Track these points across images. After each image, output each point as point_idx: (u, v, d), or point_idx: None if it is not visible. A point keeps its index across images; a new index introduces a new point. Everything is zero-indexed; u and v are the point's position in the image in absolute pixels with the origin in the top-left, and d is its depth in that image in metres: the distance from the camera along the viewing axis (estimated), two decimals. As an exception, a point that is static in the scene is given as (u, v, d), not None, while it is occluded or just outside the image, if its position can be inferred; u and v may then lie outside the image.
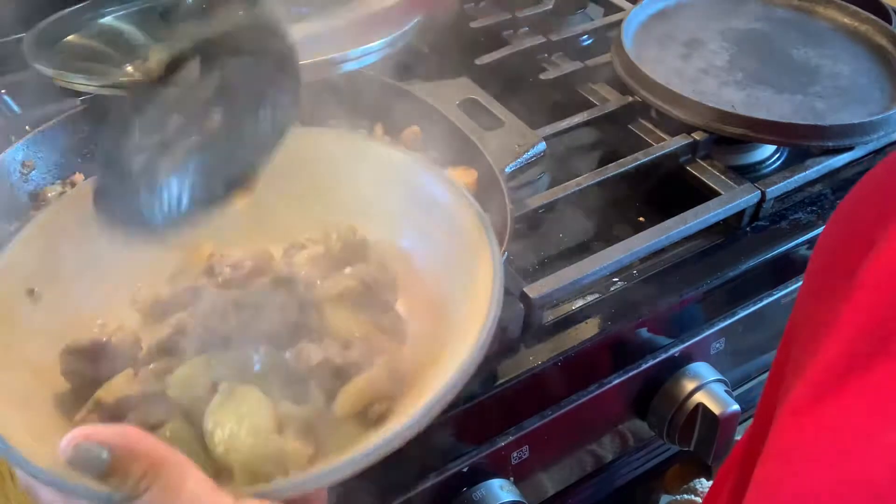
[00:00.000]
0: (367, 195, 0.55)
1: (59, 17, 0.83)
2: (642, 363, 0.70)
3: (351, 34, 0.79)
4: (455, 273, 0.50)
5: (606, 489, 0.81)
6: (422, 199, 0.53)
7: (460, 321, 0.46)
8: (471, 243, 0.49)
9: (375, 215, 0.54)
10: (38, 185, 0.72)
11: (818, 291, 0.45)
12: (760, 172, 0.82)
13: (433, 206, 0.52)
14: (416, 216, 0.53)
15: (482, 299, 0.45)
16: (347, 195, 0.55)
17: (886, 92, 0.83)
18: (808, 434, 0.37)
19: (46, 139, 0.73)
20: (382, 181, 0.55)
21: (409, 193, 0.54)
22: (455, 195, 0.52)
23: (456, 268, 0.50)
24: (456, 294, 0.49)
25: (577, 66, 0.91)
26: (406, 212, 0.54)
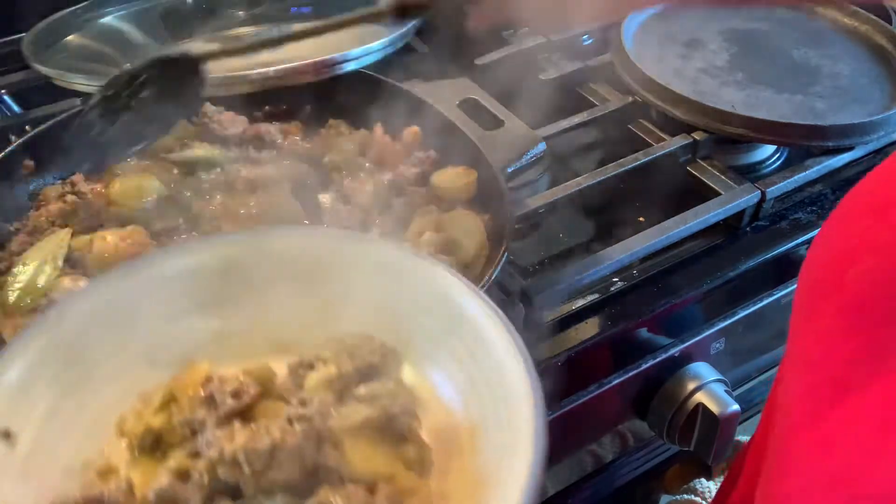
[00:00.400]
0: (380, 304, 0.49)
1: (59, 17, 0.83)
2: (642, 363, 0.70)
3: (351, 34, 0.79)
4: (484, 398, 0.44)
5: (606, 489, 0.81)
6: (446, 314, 0.47)
7: (496, 455, 0.42)
8: (503, 367, 0.44)
9: (389, 327, 0.48)
10: (38, 185, 0.72)
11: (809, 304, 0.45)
12: (760, 172, 0.82)
13: (459, 323, 0.47)
14: (436, 330, 0.48)
15: (522, 434, 0.40)
16: (358, 303, 0.49)
17: (886, 92, 0.83)
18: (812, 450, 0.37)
19: (46, 139, 0.73)
20: (399, 289, 0.49)
21: (431, 305, 0.48)
22: (488, 314, 0.45)
23: (485, 393, 0.44)
24: (487, 422, 0.44)
25: (577, 66, 0.91)
26: (425, 325, 0.48)
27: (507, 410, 0.42)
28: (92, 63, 0.80)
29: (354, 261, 0.49)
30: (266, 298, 0.49)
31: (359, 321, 0.48)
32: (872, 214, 0.41)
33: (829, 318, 0.40)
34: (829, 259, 0.43)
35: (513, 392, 0.42)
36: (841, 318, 0.39)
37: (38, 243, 0.66)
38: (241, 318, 0.49)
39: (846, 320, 0.38)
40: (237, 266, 0.49)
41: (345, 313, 0.49)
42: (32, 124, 0.76)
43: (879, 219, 0.40)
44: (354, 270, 0.49)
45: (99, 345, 0.46)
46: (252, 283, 0.49)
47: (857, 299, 0.38)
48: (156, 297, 0.48)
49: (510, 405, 0.42)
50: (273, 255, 0.49)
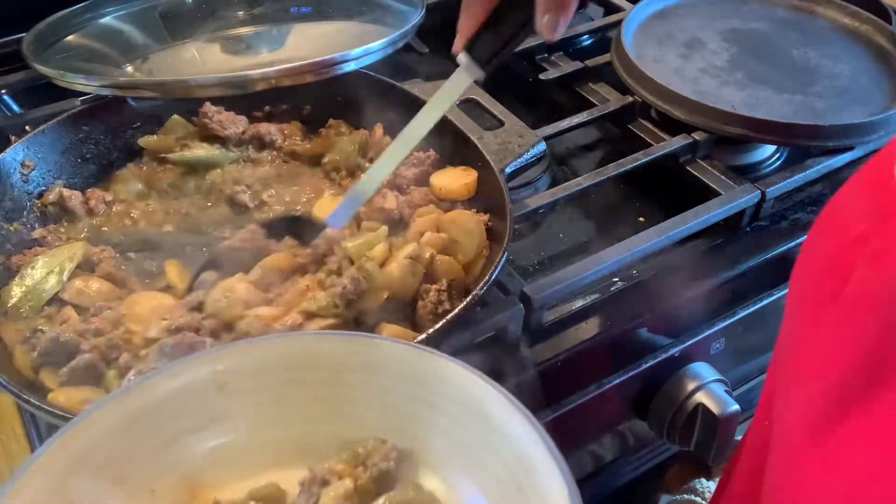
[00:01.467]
0: (390, 405, 0.46)
1: (59, 17, 0.83)
2: (642, 363, 0.70)
3: (351, 34, 0.79)
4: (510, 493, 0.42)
5: (606, 489, 0.81)
6: (465, 412, 0.44)
7: None
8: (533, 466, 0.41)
9: (401, 429, 0.46)
10: (38, 185, 0.72)
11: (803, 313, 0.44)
12: (760, 172, 0.82)
13: (476, 420, 0.44)
14: (456, 431, 0.45)
15: None
16: (367, 405, 0.47)
17: (886, 92, 0.83)
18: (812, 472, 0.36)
19: (46, 139, 0.73)
20: (411, 389, 0.46)
21: (448, 404, 0.45)
22: (512, 411, 0.42)
23: (515, 497, 0.42)
24: None
25: (577, 66, 0.91)
26: (441, 425, 0.45)
27: (537, 497, 0.40)
28: (92, 63, 0.80)
29: (361, 361, 0.47)
30: (265, 408, 0.47)
31: (369, 425, 0.46)
32: (867, 220, 0.40)
33: (826, 328, 0.39)
34: (825, 267, 0.42)
35: (546, 494, 0.40)
36: (840, 329, 0.38)
37: (52, 251, 0.66)
38: (241, 433, 0.47)
39: (845, 331, 0.38)
40: (229, 378, 0.46)
41: (353, 416, 0.47)
42: (32, 124, 0.76)
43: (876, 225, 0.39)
44: (361, 372, 0.47)
45: (95, 484, 0.43)
46: (248, 393, 0.46)
47: (856, 309, 0.38)
48: (147, 425, 0.45)
49: (539, 491, 0.40)
50: (266, 361, 0.47)
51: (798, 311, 0.46)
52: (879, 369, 0.35)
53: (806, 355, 0.41)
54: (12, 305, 0.62)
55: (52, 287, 0.63)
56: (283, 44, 0.85)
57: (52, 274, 0.64)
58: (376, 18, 0.84)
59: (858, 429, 0.35)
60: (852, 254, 0.39)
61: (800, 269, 0.47)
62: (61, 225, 0.70)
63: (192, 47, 0.83)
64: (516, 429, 0.42)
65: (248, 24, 0.86)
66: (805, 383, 0.40)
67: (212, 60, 0.82)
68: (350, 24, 0.86)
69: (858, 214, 0.42)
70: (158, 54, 0.82)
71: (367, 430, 0.46)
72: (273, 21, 0.87)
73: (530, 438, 0.41)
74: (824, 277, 0.42)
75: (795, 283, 0.47)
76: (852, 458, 0.35)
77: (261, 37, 0.85)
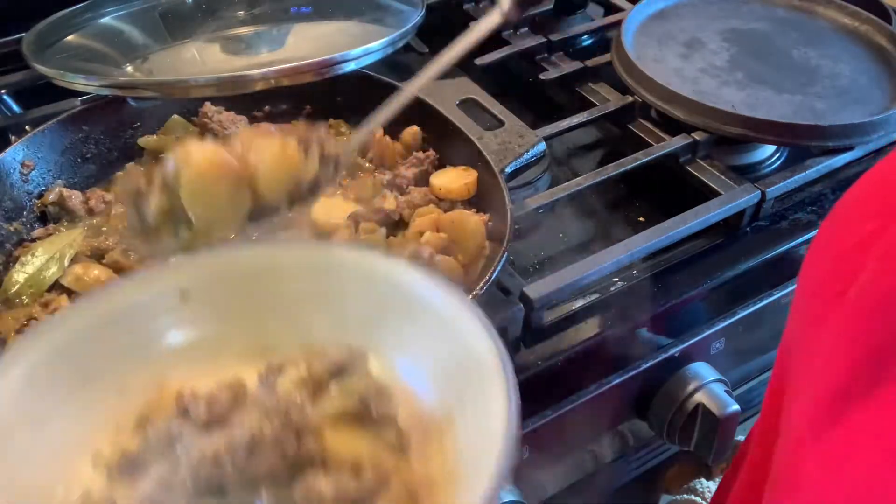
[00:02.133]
0: (342, 307, 0.49)
1: (59, 17, 0.83)
2: (642, 363, 0.70)
3: (351, 34, 0.79)
4: (456, 381, 0.45)
5: (606, 489, 0.81)
6: (410, 309, 0.47)
7: (472, 436, 0.42)
8: (471, 347, 0.44)
9: (353, 327, 0.49)
10: (38, 185, 0.72)
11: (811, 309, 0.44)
12: (760, 172, 0.82)
13: (426, 317, 0.47)
14: (400, 323, 0.48)
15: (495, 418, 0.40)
16: (320, 308, 0.50)
17: (886, 92, 0.83)
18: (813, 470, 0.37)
19: (46, 139, 0.73)
20: (360, 291, 0.49)
21: (391, 300, 0.48)
22: (457, 306, 0.46)
23: (457, 376, 0.45)
24: (463, 404, 0.44)
25: (577, 66, 0.91)
26: (388, 320, 0.48)
27: (480, 390, 0.42)
28: (92, 63, 0.80)
29: (318, 267, 0.50)
30: (228, 315, 0.49)
31: (327, 325, 0.49)
32: (878, 218, 0.40)
33: (833, 326, 0.39)
34: (834, 264, 0.42)
35: (483, 371, 0.43)
36: (846, 327, 0.38)
37: (50, 238, 0.67)
38: (207, 336, 0.49)
39: (851, 329, 0.38)
40: (192, 288, 0.48)
41: (312, 318, 0.49)
42: (32, 124, 0.76)
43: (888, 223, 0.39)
44: (318, 278, 0.49)
45: (67, 380, 0.45)
46: (211, 302, 0.49)
47: (862, 307, 0.38)
48: (116, 328, 0.47)
49: (483, 385, 0.42)
50: (233, 270, 0.49)
51: (805, 308, 0.46)
52: (883, 367, 0.35)
53: (811, 352, 0.41)
54: (14, 293, 0.62)
55: (54, 273, 0.64)
56: (283, 44, 0.85)
57: (53, 260, 0.64)
58: (376, 18, 0.84)
59: (860, 424, 0.35)
60: (860, 253, 0.39)
61: (807, 267, 0.47)
62: (61, 225, 0.70)
63: (192, 47, 0.83)
64: (467, 326, 0.45)
65: (248, 24, 0.86)
66: (810, 379, 0.40)
67: (212, 60, 0.82)
68: (350, 24, 0.86)
69: (867, 213, 0.42)
70: (158, 54, 0.82)
71: (326, 330, 0.49)
72: (273, 21, 0.87)
73: (480, 337, 0.44)
74: (832, 276, 0.42)
75: (803, 281, 0.47)
76: (852, 453, 0.35)
77: (261, 37, 0.85)
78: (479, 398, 0.42)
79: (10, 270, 0.64)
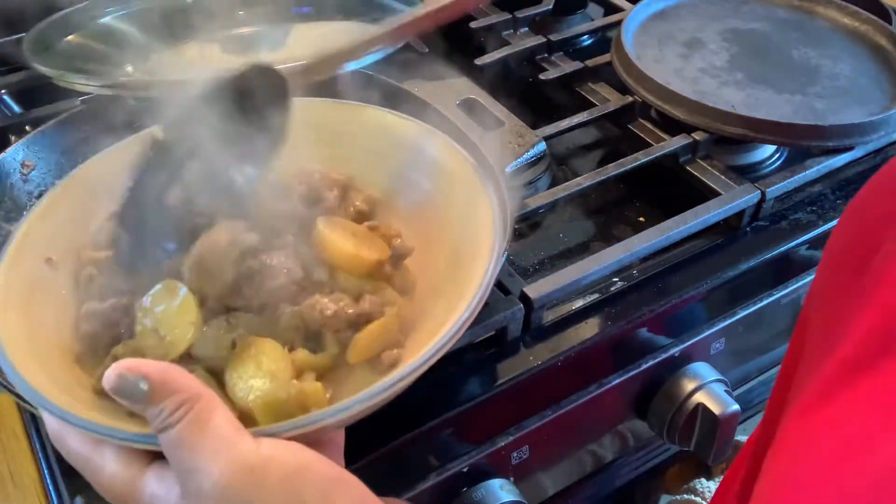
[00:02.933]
0: (358, 157, 0.60)
1: (59, 17, 0.83)
2: (642, 363, 0.70)
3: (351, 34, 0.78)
4: (458, 225, 0.54)
5: (606, 489, 0.81)
6: (416, 158, 0.58)
7: (464, 274, 0.49)
8: (469, 195, 0.53)
9: (371, 176, 0.59)
10: (38, 185, 0.72)
11: (829, 288, 0.45)
12: (760, 172, 0.82)
13: (428, 164, 0.57)
14: (411, 174, 0.58)
15: (483, 249, 0.49)
16: (337, 157, 0.60)
17: (886, 92, 0.83)
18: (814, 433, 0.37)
19: (46, 139, 0.73)
20: (373, 143, 0.60)
21: (403, 153, 0.58)
22: (448, 151, 0.57)
23: (458, 220, 0.54)
24: (462, 247, 0.52)
25: (577, 66, 0.91)
26: (401, 171, 0.58)
27: (476, 235, 0.51)
28: (92, 63, 0.80)
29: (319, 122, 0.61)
30: None
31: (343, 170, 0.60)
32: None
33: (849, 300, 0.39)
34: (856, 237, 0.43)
35: (475, 196, 0.53)
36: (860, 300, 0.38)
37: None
38: None
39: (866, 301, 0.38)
40: None
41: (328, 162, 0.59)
42: (32, 124, 0.76)
43: None
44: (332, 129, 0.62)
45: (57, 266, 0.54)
46: None
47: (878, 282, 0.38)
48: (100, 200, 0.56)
49: (474, 205, 0.52)
50: None
51: (825, 279, 0.46)
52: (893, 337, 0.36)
53: (827, 325, 0.42)
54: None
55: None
56: (283, 44, 0.85)
57: None
58: (376, 18, 0.84)
59: (866, 392, 0.36)
60: (879, 230, 0.40)
61: (832, 241, 0.47)
62: (61, 225, 0.70)
63: (192, 47, 0.83)
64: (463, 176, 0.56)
65: (248, 24, 0.86)
66: (823, 350, 0.40)
67: (212, 60, 0.82)
68: (350, 24, 0.86)
69: (888, 194, 0.42)
70: (158, 54, 0.82)
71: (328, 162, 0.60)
72: (273, 21, 0.86)
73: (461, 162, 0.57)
74: (852, 252, 0.42)
75: (827, 253, 0.47)
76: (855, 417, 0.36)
77: (261, 37, 0.85)
78: (471, 220, 0.52)
79: None
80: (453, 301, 0.47)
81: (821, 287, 0.48)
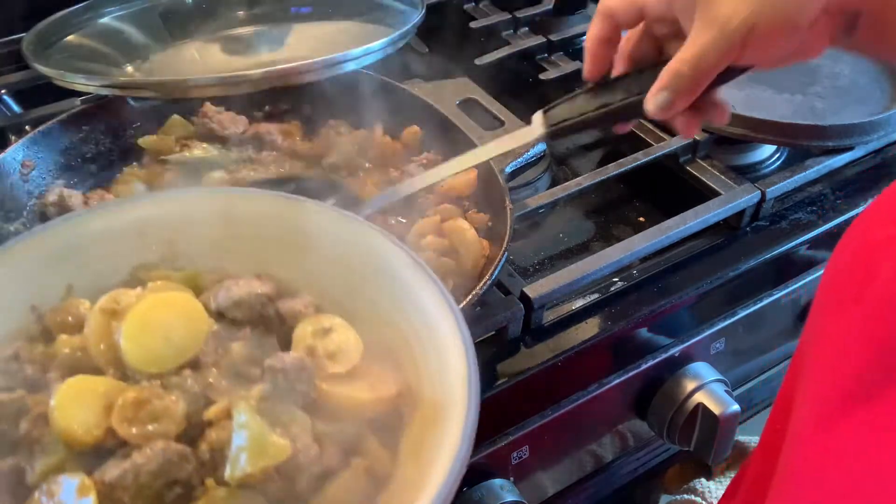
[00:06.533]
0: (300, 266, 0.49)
1: (59, 17, 0.83)
2: (642, 363, 0.70)
3: (351, 34, 0.79)
4: (417, 356, 0.44)
5: (606, 489, 0.81)
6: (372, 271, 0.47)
7: (434, 434, 0.40)
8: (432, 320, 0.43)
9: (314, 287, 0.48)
10: (38, 185, 0.72)
11: (828, 312, 0.45)
12: (760, 172, 0.82)
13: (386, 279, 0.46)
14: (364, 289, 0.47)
15: (455, 416, 0.39)
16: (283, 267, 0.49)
17: (886, 92, 0.83)
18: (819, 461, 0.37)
19: (46, 139, 0.73)
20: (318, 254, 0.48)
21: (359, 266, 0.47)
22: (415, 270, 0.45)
23: (417, 350, 0.44)
24: (423, 381, 0.43)
25: (577, 66, 0.91)
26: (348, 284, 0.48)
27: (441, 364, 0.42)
28: (92, 63, 0.80)
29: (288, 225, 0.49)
30: (179, 256, 0.49)
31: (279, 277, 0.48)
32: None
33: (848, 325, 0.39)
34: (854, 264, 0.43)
35: (444, 344, 0.42)
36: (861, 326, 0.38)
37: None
38: None
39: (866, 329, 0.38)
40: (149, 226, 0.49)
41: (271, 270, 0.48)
42: (32, 124, 0.76)
43: None
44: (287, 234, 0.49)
45: None
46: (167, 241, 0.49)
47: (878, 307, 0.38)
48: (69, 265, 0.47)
49: (442, 359, 0.42)
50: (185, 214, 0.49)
51: (823, 310, 0.46)
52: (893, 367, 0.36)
53: (826, 350, 0.41)
54: None
55: None
56: (283, 44, 0.85)
57: None
58: (376, 18, 0.84)
59: (869, 421, 0.36)
60: (879, 255, 0.39)
61: (830, 266, 0.47)
62: (61, 225, 0.70)
63: (192, 47, 0.83)
64: (424, 296, 0.44)
65: (248, 24, 0.86)
66: (823, 376, 0.40)
67: (212, 60, 0.82)
68: (350, 24, 0.86)
69: (887, 218, 0.42)
70: (158, 54, 0.82)
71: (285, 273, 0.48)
72: (273, 21, 0.87)
73: (439, 309, 0.43)
74: (850, 277, 0.42)
75: (825, 279, 0.47)
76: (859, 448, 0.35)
77: (261, 37, 0.85)
78: (440, 373, 0.42)
79: None
80: (423, 466, 0.39)
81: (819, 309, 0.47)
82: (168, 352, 0.42)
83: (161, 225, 0.49)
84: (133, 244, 0.48)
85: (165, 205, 0.49)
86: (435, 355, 0.43)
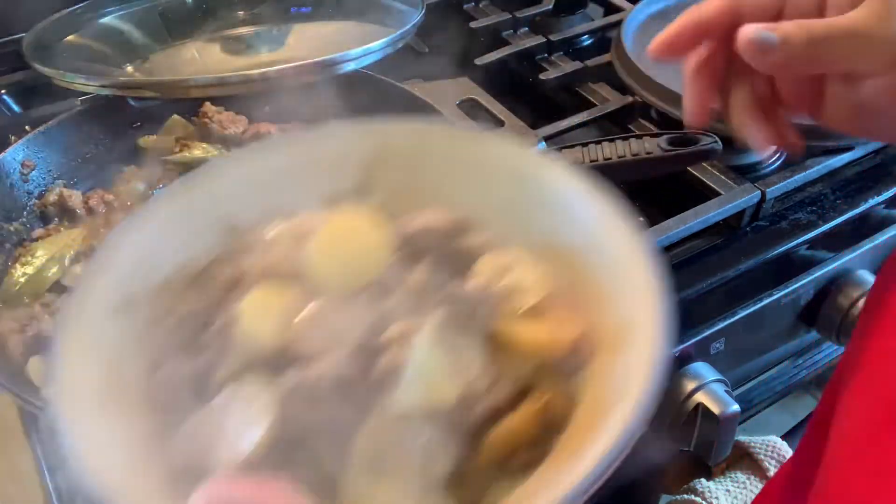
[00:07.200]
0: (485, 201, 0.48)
1: (59, 17, 0.83)
2: (642, 363, 0.70)
3: (350, 34, 0.79)
4: (602, 306, 0.43)
5: (606, 489, 0.80)
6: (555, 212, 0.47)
7: (619, 364, 0.41)
8: (625, 276, 0.42)
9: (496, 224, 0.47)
10: (38, 185, 0.72)
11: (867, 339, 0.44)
12: (760, 172, 0.82)
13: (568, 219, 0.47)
14: (548, 227, 0.47)
15: (642, 340, 0.40)
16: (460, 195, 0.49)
17: (886, 92, 0.83)
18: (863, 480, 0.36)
19: (46, 139, 0.73)
20: (502, 184, 0.49)
21: (538, 202, 0.48)
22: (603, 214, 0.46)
23: (602, 301, 0.43)
24: (607, 318, 0.43)
25: (577, 66, 0.91)
26: (535, 223, 0.47)
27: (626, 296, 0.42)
28: (92, 63, 0.80)
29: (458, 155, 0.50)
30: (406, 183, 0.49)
31: None
32: None
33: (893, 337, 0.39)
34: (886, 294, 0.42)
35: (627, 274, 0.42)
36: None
37: (50, 238, 0.67)
38: None
39: None
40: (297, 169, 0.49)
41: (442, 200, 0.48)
42: (32, 124, 0.76)
43: None
44: (455, 163, 0.49)
45: None
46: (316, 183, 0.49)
47: None
48: (210, 216, 0.47)
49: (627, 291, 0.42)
50: (337, 152, 0.49)
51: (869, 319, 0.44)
52: None
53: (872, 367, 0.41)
54: (15, 292, 0.63)
55: (55, 273, 0.64)
56: (283, 44, 0.85)
57: (53, 260, 0.64)
58: (376, 18, 0.84)
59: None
60: None
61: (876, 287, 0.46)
62: (61, 225, 0.70)
63: (192, 47, 0.83)
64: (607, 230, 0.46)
65: (248, 24, 0.87)
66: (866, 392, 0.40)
67: (212, 60, 0.82)
68: (350, 24, 0.86)
69: None
70: (158, 54, 0.82)
71: None
72: (273, 21, 0.87)
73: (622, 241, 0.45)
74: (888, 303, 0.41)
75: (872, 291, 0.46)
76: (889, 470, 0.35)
77: (261, 37, 0.85)
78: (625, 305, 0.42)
79: (11, 270, 0.64)
80: (608, 396, 0.39)
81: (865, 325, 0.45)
82: (352, 271, 0.43)
83: (358, 157, 0.49)
84: (328, 175, 0.49)
85: (365, 138, 0.50)
86: (619, 287, 0.43)
